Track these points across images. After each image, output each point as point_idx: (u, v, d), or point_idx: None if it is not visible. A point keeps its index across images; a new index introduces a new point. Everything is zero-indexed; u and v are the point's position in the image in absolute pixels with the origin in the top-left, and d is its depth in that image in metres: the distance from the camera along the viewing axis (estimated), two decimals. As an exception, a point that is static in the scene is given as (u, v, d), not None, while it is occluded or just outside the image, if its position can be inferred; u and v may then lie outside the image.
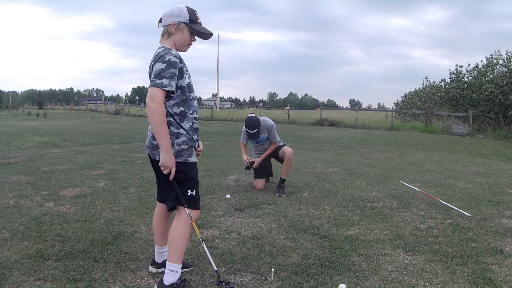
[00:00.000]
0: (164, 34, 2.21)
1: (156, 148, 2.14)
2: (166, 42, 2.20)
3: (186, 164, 2.17)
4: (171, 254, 2.18)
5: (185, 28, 2.19)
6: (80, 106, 51.03)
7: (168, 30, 2.19)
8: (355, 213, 3.84)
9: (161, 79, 2.04)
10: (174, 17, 2.18)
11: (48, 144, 9.93)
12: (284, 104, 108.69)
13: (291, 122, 21.62)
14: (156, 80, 2.04)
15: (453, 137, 14.57)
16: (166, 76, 2.05)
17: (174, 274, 2.17)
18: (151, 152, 2.22)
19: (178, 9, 2.19)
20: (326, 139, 12.04)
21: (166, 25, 2.19)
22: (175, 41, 2.21)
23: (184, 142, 2.16)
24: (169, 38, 2.20)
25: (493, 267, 2.60)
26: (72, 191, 4.53)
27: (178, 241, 2.18)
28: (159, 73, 2.05)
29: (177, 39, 2.20)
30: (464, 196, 4.59)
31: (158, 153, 2.14)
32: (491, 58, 19.30)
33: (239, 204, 4.08)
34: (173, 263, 2.17)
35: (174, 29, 2.18)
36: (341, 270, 2.53)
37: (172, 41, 2.20)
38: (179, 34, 2.19)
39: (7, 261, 2.55)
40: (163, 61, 2.07)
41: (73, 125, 18.24)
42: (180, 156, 2.15)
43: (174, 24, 2.18)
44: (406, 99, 36.53)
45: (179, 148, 2.15)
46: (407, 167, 6.69)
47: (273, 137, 4.76)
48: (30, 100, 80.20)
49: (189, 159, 2.18)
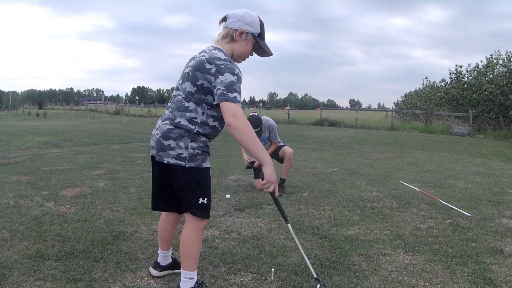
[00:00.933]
0: (226, 37, 2.03)
1: (167, 150, 1.96)
2: (224, 46, 2.02)
3: (200, 170, 2.00)
4: (186, 262, 2.08)
5: (251, 41, 2.03)
6: (80, 106, 51.07)
7: (233, 35, 2.01)
8: (355, 213, 3.84)
9: (234, 92, 1.85)
10: (245, 24, 2.01)
11: (48, 144, 9.93)
12: (284, 104, 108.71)
13: (291, 122, 21.62)
14: (229, 94, 1.83)
15: (453, 137, 14.57)
16: (238, 90, 1.88)
17: (191, 281, 2.10)
18: (157, 153, 2.01)
19: (251, 17, 2.02)
20: (326, 139, 12.04)
21: (232, 29, 2.01)
22: (235, 50, 2.03)
23: (200, 147, 1.98)
24: (229, 43, 2.03)
25: (493, 267, 2.60)
26: (72, 191, 4.53)
27: (191, 249, 2.08)
28: (231, 85, 1.85)
29: (239, 48, 2.03)
30: (464, 196, 4.59)
31: (167, 155, 1.97)
32: (491, 58, 19.33)
33: (239, 204, 4.08)
34: (189, 271, 2.10)
35: (240, 37, 2.01)
36: (341, 270, 2.53)
37: (231, 47, 2.03)
38: (243, 44, 2.03)
39: (7, 261, 2.55)
40: (233, 73, 1.88)
41: (73, 125, 18.24)
42: (194, 161, 1.96)
43: (243, 32, 2.00)
44: (406, 99, 36.59)
45: (193, 152, 1.96)
46: (407, 167, 6.69)
47: (274, 137, 4.77)
48: (30, 100, 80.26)
49: (203, 164, 2.00)
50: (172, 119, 2.00)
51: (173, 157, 1.96)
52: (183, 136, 1.96)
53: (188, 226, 2.09)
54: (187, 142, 1.96)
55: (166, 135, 1.98)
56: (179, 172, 1.98)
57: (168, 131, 1.99)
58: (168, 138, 1.97)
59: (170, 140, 1.97)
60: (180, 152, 1.96)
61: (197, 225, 2.07)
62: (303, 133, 14.47)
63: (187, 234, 2.08)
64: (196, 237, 2.09)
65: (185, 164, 1.96)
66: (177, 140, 1.96)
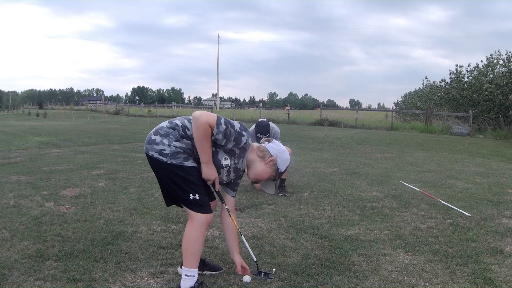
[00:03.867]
0: (261, 151, 2.27)
1: (152, 144, 2.12)
2: (252, 155, 2.27)
3: (183, 168, 2.10)
4: (187, 258, 2.14)
5: (271, 173, 2.29)
6: (80, 106, 51.00)
7: (265, 157, 2.26)
8: (355, 213, 3.84)
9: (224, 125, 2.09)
10: (279, 158, 2.27)
11: (48, 144, 9.93)
12: (284, 104, 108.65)
13: (291, 122, 21.61)
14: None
15: (453, 137, 14.57)
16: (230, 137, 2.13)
17: (191, 279, 2.14)
18: (145, 145, 2.18)
19: (287, 157, 2.32)
20: (326, 139, 12.04)
21: (269, 152, 2.26)
22: (257, 167, 2.27)
23: (182, 148, 2.11)
24: (259, 158, 2.26)
25: (493, 267, 2.60)
26: (72, 191, 4.53)
27: (193, 245, 2.13)
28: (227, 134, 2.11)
29: (260, 168, 2.27)
30: (464, 196, 4.59)
31: (152, 149, 2.12)
32: (491, 58, 19.32)
33: (239, 204, 4.08)
34: (189, 268, 2.14)
35: (270, 163, 2.26)
36: (341, 270, 2.53)
37: (254, 160, 2.27)
38: (265, 168, 2.26)
39: (7, 261, 2.55)
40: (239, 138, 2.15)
41: (73, 125, 18.24)
42: (175, 158, 2.09)
43: (273, 160, 2.26)
44: (406, 99, 36.59)
45: (175, 150, 2.10)
46: (407, 167, 6.69)
47: None
48: (30, 100, 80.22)
49: (185, 162, 2.11)
50: (172, 120, 2.21)
51: (156, 151, 2.11)
52: (169, 134, 2.12)
53: (190, 221, 2.17)
54: (171, 141, 2.11)
55: (157, 131, 2.16)
56: (162, 167, 2.12)
57: (159, 129, 2.17)
58: (157, 133, 2.14)
59: (157, 135, 2.14)
60: (163, 148, 2.10)
61: (197, 220, 2.13)
62: (303, 133, 14.47)
63: (189, 230, 2.15)
64: (198, 232, 2.14)
65: (167, 160, 2.09)
66: (163, 137, 2.12)
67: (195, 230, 2.13)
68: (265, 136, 4.51)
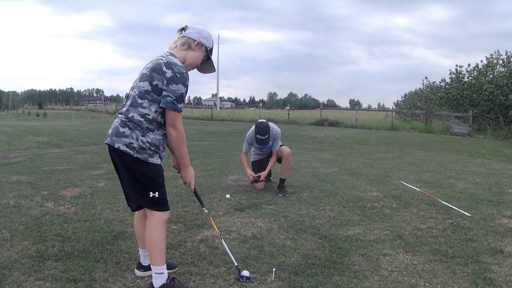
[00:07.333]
0: (184, 44, 2.22)
1: (121, 136, 2.09)
2: (179, 52, 2.21)
3: (147, 164, 2.11)
4: (153, 257, 2.18)
5: (203, 53, 2.26)
6: (80, 106, 50.92)
7: (191, 44, 2.22)
8: (355, 213, 3.84)
9: (180, 103, 2.10)
10: (202, 37, 2.23)
11: (48, 144, 9.93)
12: (284, 104, 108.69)
13: (291, 122, 21.62)
14: (178, 105, 2.08)
15: (453, 137, 14.57)
16: (184, 100, 2.12)
17: (161, 276, 2.18)
18: (111, 138, 2.12)
19: (207, 33, 2.27)
20: (326, 139, 12.04)
21: (191, 38, 2.21)
22: (188, 57, 2.22)
23: (148, 143, 2.11)
24: (185, 50, 2.22)
25: (493, 267, 2.60)
26: (72, 191, 4.53)
27: (156, 244, 2.17)
28: (180, 97, 2.09)
29: (192, 57, 2.23)
30: (464, 196, 4.59)
31: (120, 141, 2.09)
32: (491, 58, 19.31)
33: (239, 204, 4.08)
34: (158, 266, 2.17)
35: (197, 47, 2.23)
36: (341, 270, 2.53)
37: (185, 55, 2.22)
38: (197, 54, 2.24)
39: (7, 261, 2.55)
40: (185, 85, 2.10)
41: (73, 125, 18.24)
42: (141, 154, 2.10)
43: (199, 43, 2.22)
44: (406, 99, 36.58)
45: (142, 145, 2.09)
46: (407, 167, 6.69)
47: (276, 145, 4.71)
48: (30, 100, 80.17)
49: (149, 159, 2.12)
50: (126, 114, 2.14)
51: (124, 144, 2.10)
52: (136, 129, 2.11)
53: (149, 220, 2.20)
54: (138, 135, 2.10)
55: (125, 123, 2.13)
56: (127, 160, 2.12)
57: (125, 122, 2.14)
58: (125, 126, 2.13)
59: (126, 128, 2.12)
60: (131, 142, 2.10)
61: (157, 218, 2.17)
62: (303, 133, 14.47)
63: (150, 229, 2.18)
64: (160, 230, 2.18)
65: (133, 154, 2.10)
66: (131, 130, 2.11)
67: (155, 228, 2.17)
68: (264, 137, 4.47)
